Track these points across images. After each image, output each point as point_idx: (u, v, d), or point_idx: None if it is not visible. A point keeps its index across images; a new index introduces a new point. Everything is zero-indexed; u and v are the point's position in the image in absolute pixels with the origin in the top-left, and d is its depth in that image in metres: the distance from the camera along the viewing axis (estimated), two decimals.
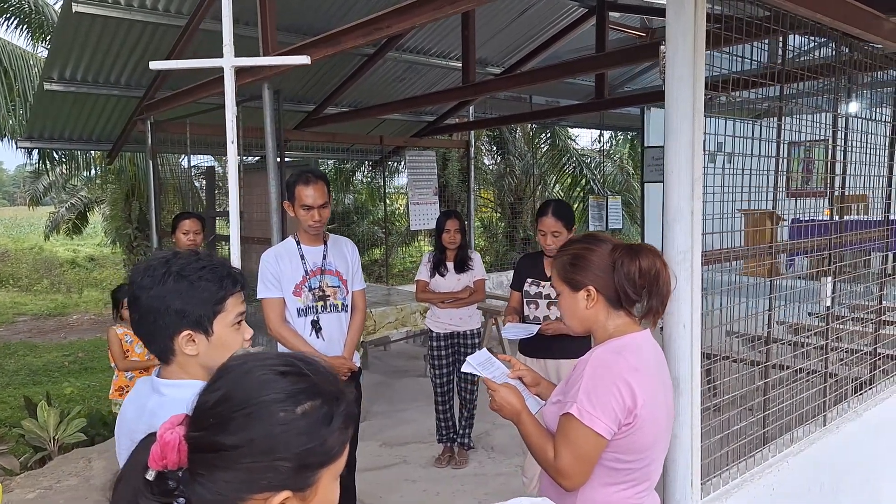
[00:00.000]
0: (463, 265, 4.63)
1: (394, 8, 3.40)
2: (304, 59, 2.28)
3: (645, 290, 1.86)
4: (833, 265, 3.27)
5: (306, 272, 3.35)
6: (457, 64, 7.14)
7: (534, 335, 3.47)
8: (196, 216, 4.73)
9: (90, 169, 11.77)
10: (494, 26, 6.64)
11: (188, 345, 1.48)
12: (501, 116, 8.79)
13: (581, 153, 14.30)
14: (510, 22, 6.73)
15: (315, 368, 1.02)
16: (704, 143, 2.45)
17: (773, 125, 3.03)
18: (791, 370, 3.14)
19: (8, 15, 11.29)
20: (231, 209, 1.95)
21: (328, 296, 3.39)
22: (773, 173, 3.07)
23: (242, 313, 1.54)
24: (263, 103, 4.52)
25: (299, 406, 0.97)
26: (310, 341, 3.33)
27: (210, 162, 9.99)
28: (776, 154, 3.02)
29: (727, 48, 2.54)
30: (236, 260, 1.96)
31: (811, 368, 3.29)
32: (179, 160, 9.30)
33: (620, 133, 15.15)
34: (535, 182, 13.53)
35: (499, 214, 14.73)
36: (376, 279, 11.50)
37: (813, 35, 2.96)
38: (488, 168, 14.11)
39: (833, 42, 3.14)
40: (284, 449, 0.95)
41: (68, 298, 15.37)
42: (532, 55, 7.19)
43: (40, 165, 11.14)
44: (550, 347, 3.48)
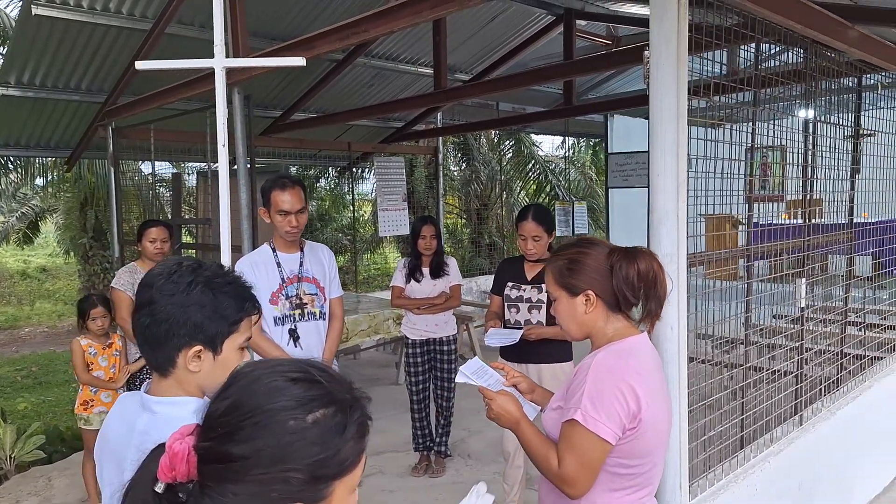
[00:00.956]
0: (439, 271, 4.60)
1: (372, 12, 3.37)
2: (300, 61, 2.23)
3: (643, 293, 1.85)
4: (805, 267, 3.34)
5: (283, 280, 3.28)
6: (426, 70, 7.14)
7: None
8: (163, 224, 4.60)
9: (45, 176, 11.41)
10: (464, 33, 6.66)
11: (193, 361, 1.41)
12: (470, 123, 8.82)
13: (545, 160, 14.42)
14: (479, 29, 6.76)
15: (329, 375, 0.98)
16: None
17: (738, 130, 3.06)
18: (768, 371, 3.19)
19: None
20: (222, 214, 1.89)
21: (306, 304, 3.33)
22: (744, 177, 3.12)
23: (249, 338, 1.49)
24: (233, 108, 4.42)
25: (311, 414, 0.92)
26: (288, 350, 3.26)
27: (168, 169, 9.78)
28: (749, 158, 3.08)
29: (705, 53, 2.56)
30: (227, 253, 1.90)
31: (786, 370, 3.35)
32: (138, 167, 9.10)
33: (582, 140, 15.35)
34: (501, 188, 13.59)
35: (464, 220, 14.75)
36: (343, 286, 11.40)
37: (785, 43, 3.03)
38: (454, 174, 14.14)
39: (804, 49, 3.22)
40: (295, 459, 0.90)
41: (19, 311, 14.84)
42: (500, 62, 7.23)
43: None
44: (532, 352, 3.47)
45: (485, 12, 6.45)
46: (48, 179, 12.14)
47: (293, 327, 3.29)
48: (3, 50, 9.59)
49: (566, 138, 12.63)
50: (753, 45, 3.07)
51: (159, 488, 0.94)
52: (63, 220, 13.86)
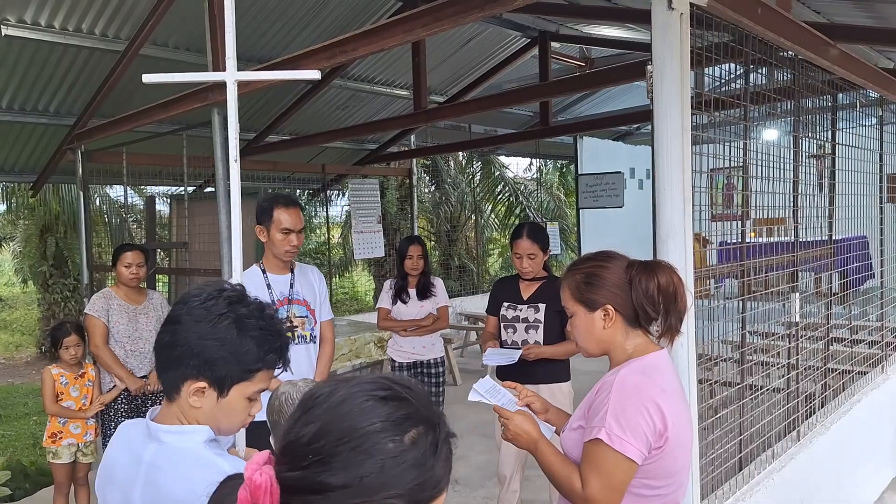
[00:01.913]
0: (426, 292, 4.54)
1: (361, 30, 3.32)
2: (314, 74, 2.15)
3: (662, 308, 1.81)
4: (796, 282, 3.36)
5: (273, 302, 3.18)
6: (401, 92, 7.13)
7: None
8: (139, 248, 4.45)
9: (6, 202, 11.06)
10: (439, 56, 6.67)
11: (195, 395, 1.33)
12: (445, 144, 8.82)
13: (515, 181, 14.50)
14: (454, 52, 6.79)
15: (412, 390, 0.92)
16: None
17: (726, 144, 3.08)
18: (767, 390, 3.19)
19: None
20: (234, 237, 1.81)
21: (296, 327, 3.23)
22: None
23: (263, 390, 1.40)
24: (213, 130, 4.33)
25: (406, 435, 0.86)
26: (277, 375, 3.15)
27: (132, 195, 9.53)
28: (737, 175, 3.10)
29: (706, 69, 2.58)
30: (238, 277, 1.83)
31: (781, 386, 3.35)
32: (106, 192, 8.87)
33: (549, 161, 15.48)
34: (470, 210, 13.60)
35: (433, 242, 14.72)
36: None
37: (773, 59, 3.07)
38: (424, 196, 14.12)
39: (791, 67, 3.28)
40: (397, 484, 0.84)
41: None
42: (476, 84, 7.26)
43: None
44: (529, 372, 3.41)
45: (460, 35, 6.49)
46: (8, 206, 11.76)
47: None
48: None
49: (537, 160, 12.72)
50: (738, 63, 3.11)
51: None
52: (21, 248, 13.43)
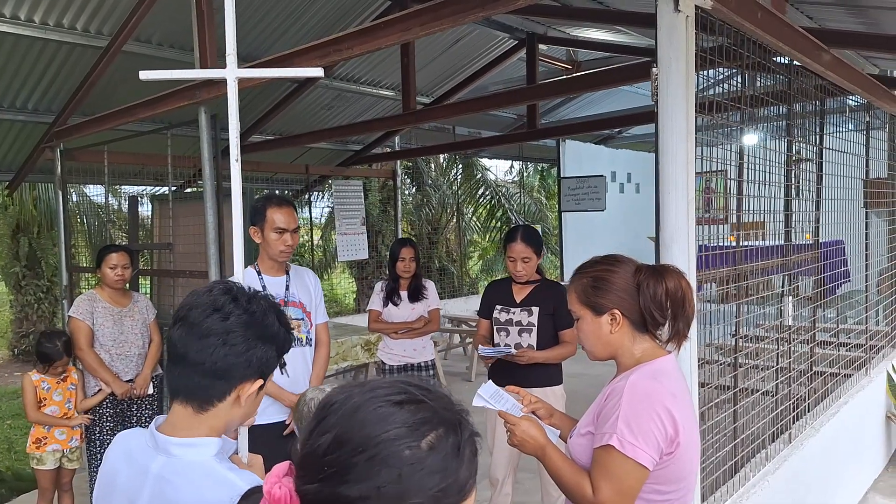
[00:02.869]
0: (417, 294, 4.49)
1: (357, 29, 3.28)
2: (317, 71, 2.10)
3: (670, 313, 1.80)
4: (792, 286, 3.38)
5: None
6: (387, 92, 7.09)
7: (507, 362, 3.37)
8: (124, 249, 4.35)
9: None
10: (426, 57, 6.63)
11: (248, 396, 1.33)
12: (430, 146, 8.78)
13: (497, 184, 14.51)
14: (441, 53, 6.76)
15: (430, 392, 0.88)
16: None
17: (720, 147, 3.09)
18: (759, 393, 3.20)
19: None
20: (235, 237, 1.76)
21: (291, 329, 3.16)
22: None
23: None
24: (200, 129, 4.25)
25: (424, 440, 0.82)
26: (274, 378, 3.09)
27: (102, 195, 9.35)
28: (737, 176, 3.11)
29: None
30: (239, 277, 1.79)
31: (769, 389, 3.37)
32: (83, 191, 8.69)
33: (531, 164, 15.52)
34: (452, 212, 13.58)
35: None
36: None
37: (768, 64, 3.09)
38: (406, 198, 14.06)
39: (787, 72, 3.30)
40: (418, 492, 0.80)
41: None
42: (462, 85, 7.24)
43: None
44: (522, 376, 3.37)
45: (448, 36, 6.46)
46: None
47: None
48: None
49: (520, 162, 12.73)
50: (734, 67, 3.12)
51: None
52: None
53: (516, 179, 14.52)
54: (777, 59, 3.29)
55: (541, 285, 3.53)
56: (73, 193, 7.94)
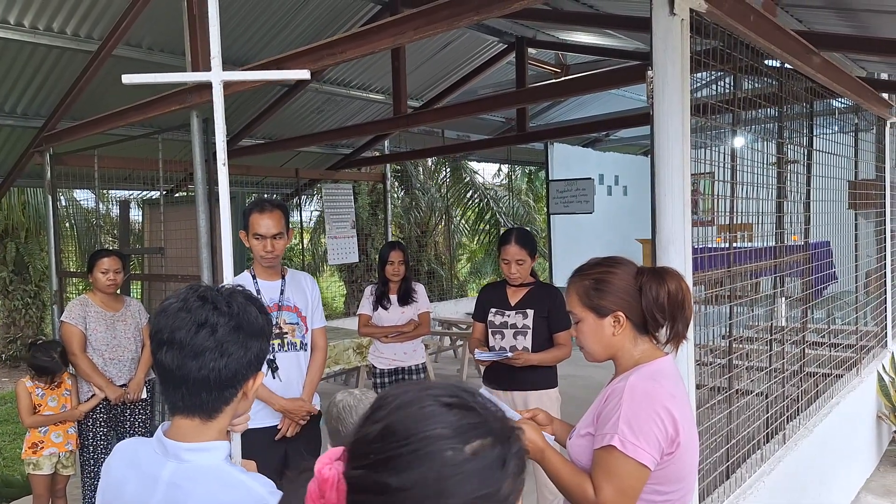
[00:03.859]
0: (407, 297, 4.47)
1: (350, 33, 3.28)
2: (304, 73, 2.10)
3: (670, 315, 1.81)
4: (784, 287, 3.41)
5: None
6: (376, 96, 7.09)
7: (502, 365, 3.38)
8: (116, 254, 4.32)
9: None
10: (416, 60, 6.64)
11: (253, 388, 1.35)
12: (419, 150, 8.78)
13: (486, 187, 14.53)
14: (431, 56, 6.77)
15: (482, 402, 0.89)
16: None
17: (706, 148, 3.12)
18: (753, 394, 3.22)
19: None
20: (223, 241, 1.76)
21: (285, 333, 3.16)
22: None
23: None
24: (192, 132, 4.23)
25: (468, 445, 0.83)
26: (266, 382, 3.08)
27: (92, 200, 9.28)
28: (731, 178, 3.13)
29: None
30: (229, 279, 1.79)
31: (762, 390, 3.39)
32: (73, 196, 8.63)
33: (518, 167, 15.56)
34: (440, 215, 13.58)
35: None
36: None
37: (759, 67, 3.12)
38: (396, 201, 14.06)
39: (778, 75, 3.33)
40: (455, 494, 0.81)
41: None
42: (452, 89, 7.25)
43: None
44: (518, 379, 3.40)
45: (437, 40, 6.47)
46: None
47: (272, 357, 3.12)
48: None
49: (508, 166, 12.75)
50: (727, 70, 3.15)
51: None
52: None
53: (504, 182, 14.54)
54: (768, 63, 3.33)
55: (535, 288, 3.53)
56: (62, 198, 7.88)
